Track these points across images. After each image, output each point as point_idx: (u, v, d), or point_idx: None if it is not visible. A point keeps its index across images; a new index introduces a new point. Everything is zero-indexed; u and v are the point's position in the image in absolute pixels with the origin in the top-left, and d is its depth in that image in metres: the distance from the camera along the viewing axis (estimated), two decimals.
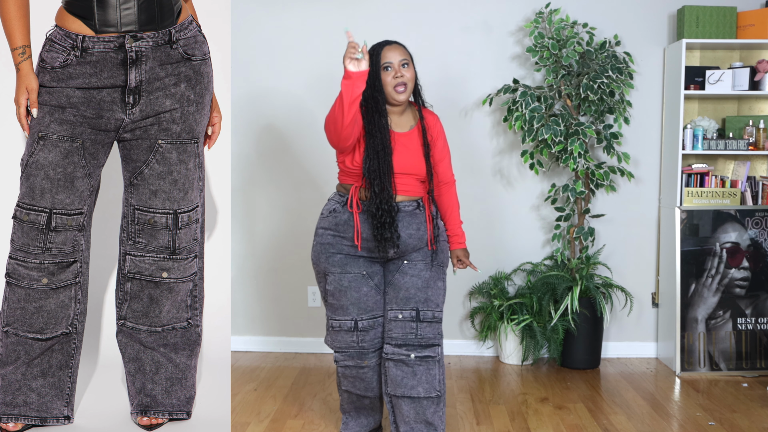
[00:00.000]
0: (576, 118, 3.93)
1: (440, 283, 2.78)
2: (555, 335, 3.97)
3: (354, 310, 2.71)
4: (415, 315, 2.69)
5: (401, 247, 2.72)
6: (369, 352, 2.74)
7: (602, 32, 4.13)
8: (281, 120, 4.27)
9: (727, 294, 3.97)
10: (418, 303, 2.70)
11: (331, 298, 2.76)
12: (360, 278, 2.71)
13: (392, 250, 2.71)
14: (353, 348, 2.74)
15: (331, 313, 2.78)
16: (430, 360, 2.70)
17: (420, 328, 2.70)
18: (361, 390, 2.81)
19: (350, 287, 2.70)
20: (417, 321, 2.70)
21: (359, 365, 2.76)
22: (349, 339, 2.73)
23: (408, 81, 2.68)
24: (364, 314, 2.71)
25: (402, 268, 2.74)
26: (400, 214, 2.70)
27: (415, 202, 2.75)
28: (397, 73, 2.66)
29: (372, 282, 2.73)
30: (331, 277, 2.73)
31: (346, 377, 2.81)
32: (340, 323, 2.74)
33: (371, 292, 2.72)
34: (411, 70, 2.69)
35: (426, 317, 2.71)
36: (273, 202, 4.31)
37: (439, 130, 2.83)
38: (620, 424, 3.18)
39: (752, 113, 4.21)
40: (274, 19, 4.23)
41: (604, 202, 4.25)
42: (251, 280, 4.35)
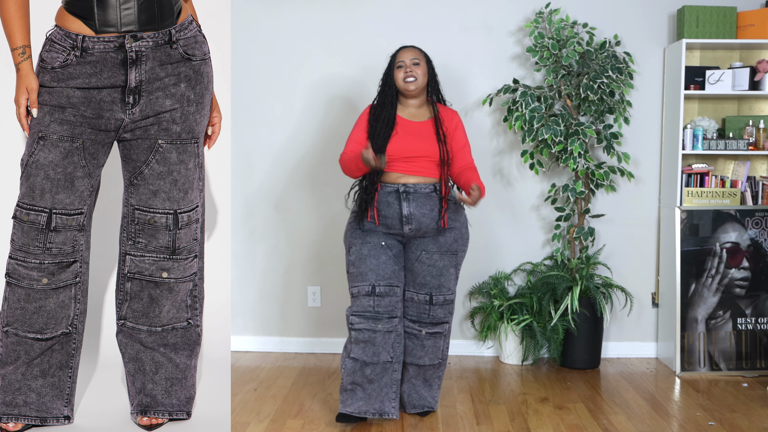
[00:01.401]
0: (576, 118, 3.93)
1: (452, 270, 3.12)
2: (555, 335, 3.97)
3: (372, 275, 3.01)
4: (428, 299, 3.08)
5: (415, 225, 3.04)
6: (383, 318, 3.01)
7: (602, 32, 4.13)
8: (281, 120, 4.26)
9: (727, 294, 3.97)
10: (432, 289, 3.08)
11: (352, 267, 3.07)
12: (379, 248, 3.04)
13: (407, 227, 3.04)
14: (369, 312, 3.00)
15: (351, 283, 3.08)
16: (438, 335, 3.13)
17: (432, 309, 3.10)
18: (369, 356, 3.00)
19: (370, 255, 3.03)
20: (430, 304, 3.09)
21: (373, 328, 2.99)
22: (366, 303, 3.00)
23: (418, 75, 3.07)
24: (382, 280, 3.01)
25: (420, 258, 3.08)
26: (416, 195, 3.03)
27: (432, 185, 3.06)
28: (407, 69, 3.07)
29: (390, 252, 3.06)
30: (353, 248, 3.07)
31: (358, 342, 3.01)
32: (358, 289, 3.03)
33: (389, 261, 3.04)
34: (422, 68, 3.09)
35: (438, 301, 3.10)
36: (273, 201, 4.31)
37: (456, 123, 3.16)
38: (620, 424, 3.18)
39: (752, 113, 4.21)
40: (274, 19, 4.23)
41: (604, 202, 4.25)
42: (251, 280, 4.35)
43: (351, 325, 3.03)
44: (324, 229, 4.29)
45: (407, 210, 3.03)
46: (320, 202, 4.28)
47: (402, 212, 3.03)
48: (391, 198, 3.03)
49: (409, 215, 3.03)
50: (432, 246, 3.08)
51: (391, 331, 3.03)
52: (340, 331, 4.32)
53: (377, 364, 3.02)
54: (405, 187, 3.03)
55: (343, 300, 4.29)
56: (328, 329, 4.34)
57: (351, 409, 3.04)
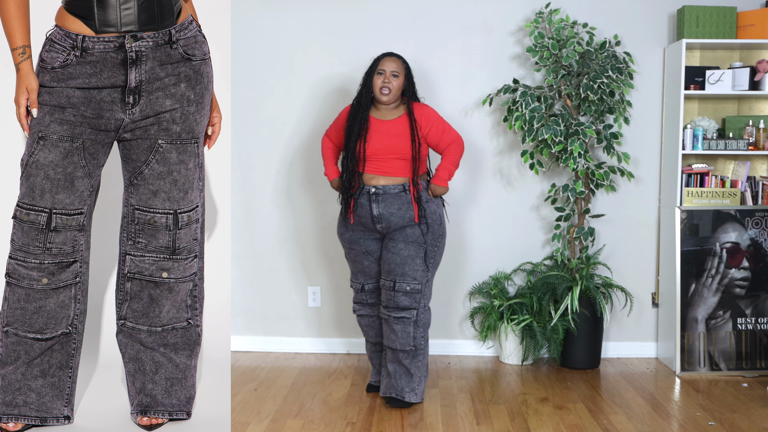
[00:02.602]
0: (576, 118, 3.93)
1: (418, 260, 3.31)
2: (555, 335, 3.96)
3: (361, 276, 3.48)
4: (392, 285, 3.31)
5: (384, 223, 3.31)
6: (375, 305, 3.49)
7: (602, 32, 4.13)
8: (281, 120, 4.26)
9: (727, 294, 3.97)
10: (396, 276, 3.31)
11: (348, 261, 3.56)
12: (362, 255, 3.42)
13: (378, 225, 3.32)
14: (363, 302, 3.50)
15: (350, 274, 3.68)
16: (405, 320, 3.31)
17: (396, 296, 3.32)
18: (372, 336, 3.53)
19: (356, 260, 3.46)
20: (393, 290, 3.31)
21: (369, 314, 3.49)
22: (360, 296, 3.51)
23: (393, 88, 3.29)
24: (369, 279, 3.47)
25: (387, 246, 3.35)
26: (385, 196, 3.28)
27: (401, 185, 3.29)
28: (385, 79, 3.29)
29: (372, 257, 3.43)
30: (345, 251, 3.51)
31: (362, 327, 3.55)
32: (353, 284, 3.52)
33: (372, 265, 3.44)
34: (399, 80, 3.30)
35: (401, 288, 3.30)
36: (273, 201, 4.31)
37: (427, 114, 3.34)
38: (620, 424, 3.18)
39: (752, 113, 4.21)
40: (274, 19, 4.23)
41: (604, 202, 4.25)
42: (251, 280, 4.35)
43: (354, 312, 3.56)
44: (324, 229, 4.29)
45: (377, 210, 3.29)
46: (320, 202, 4.28)
47: (372, 213, 3.29)
48: (363, 200, 3.31)
49: (378, 215, 3.29)
50: (398, 236, 3.32)
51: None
52: (340, 331, 4.32)
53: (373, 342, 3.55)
54: (375, 188, 3.28)
55: (343, 300, 4.29)
56: (328, 329, 4.34)
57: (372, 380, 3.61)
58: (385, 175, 3.29)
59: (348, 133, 3.34)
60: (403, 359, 3.34)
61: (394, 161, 3.28)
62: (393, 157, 3.27)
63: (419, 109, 3.34)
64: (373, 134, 3.29)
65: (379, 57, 3.34)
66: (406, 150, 3.27)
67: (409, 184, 3.29)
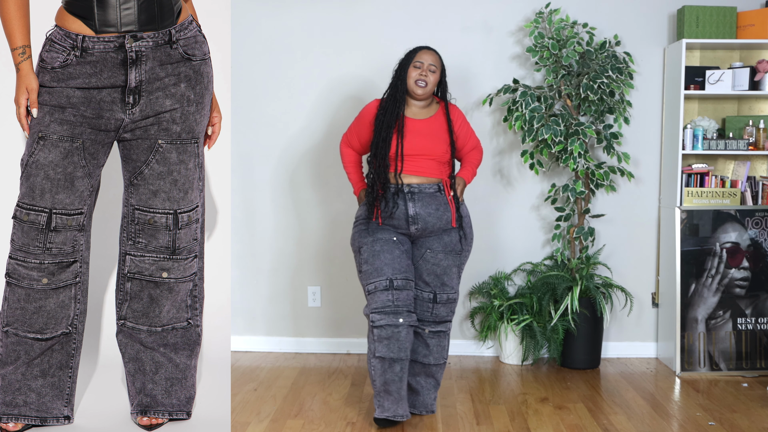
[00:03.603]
0: (576, 118, 3.93)
1: (455, 269, 3.13)
2: (555, 335, 3.97)
3: (388, 270, 2.97)
4: (432, 297, 3.10)
5: (421, 224, 3.06)
6: (403, 312, 2.95)
7: (602, 32, 4.13)
8: (281, 120, 4.26)
9: (727, 294, 3.97)
10: (436, 287, 3.10)
11: (365, 265, 3.03)
12: (391, 243, 3.03)
13: (413, 227, 3.06)
14: (389, 307, 2.94)
15: (366, 280, 3.03)
16: (441, 334, 3.15)
17: (435, 308, 3.11)
18: (395, 352, 2.93)
19: (383, 250, 3.01)
20: (434, 302, 3.10)
21: (394, 323, 2.93)
22: (385, 298, 2.95)
23: (429, 82, 3.08)
24: (398, 274, 2.98)
25: (425, 256, 3.10)
26: (421, 195, 3.06)
27: (435, 185, 3.09)
28: (423, 72, 3.07)
29: (403, 247, 3.06)
30: (364, 247, 3.04)
31: (381, 340, 2.94)
32: (375, 284, 2.98)
33: (403, 256, 3.03)
34: (436, 76, 3.10)
35: (441, 299, 3.11)
36: (273, 201, 4.31)
37: (458, 115, 3.20)
38: (620, 424, 3.18)
39: (752, 113, 4.21)
40: (274, 19, 4.23)
41: (604, 202, 4.25)
42: (251, 280, 4.35)
43: (372, 323, 2.96)
44: (324, 229, 4.29)
45: (413, 210, 3.05)
46: (320, 201, 4.28)
47: (408, 212, 3.05)
48: (398, 199, 3.05)
49: (415, 215, 3.05)
50: (437, 245, 3.10)
51: (412, 326, 2.99)
52: (340, 331, 4.32)
53: (405, 360, 2.97)
54: (410, 187, 3.06)
55: (343, 300, 4.29)
56: (328, 329, 4.34)
57: (390, 414, 3.01)
58: (417, 174, 3.08)
59: (378, 129, 3.09)
60: (435, 372, 3.19)
61: (426, 161, 3.08)
62: (426, 158, 3.08)
63: (453, 110, 3.19)
64: (406, 134, 3.07)
65: (416, 49, 3.14)
66: (439, 152, 3.09)
67: (443, 185, 3.11)
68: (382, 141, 3.05)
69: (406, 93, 3.11)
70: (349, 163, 3.28)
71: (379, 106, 3.14)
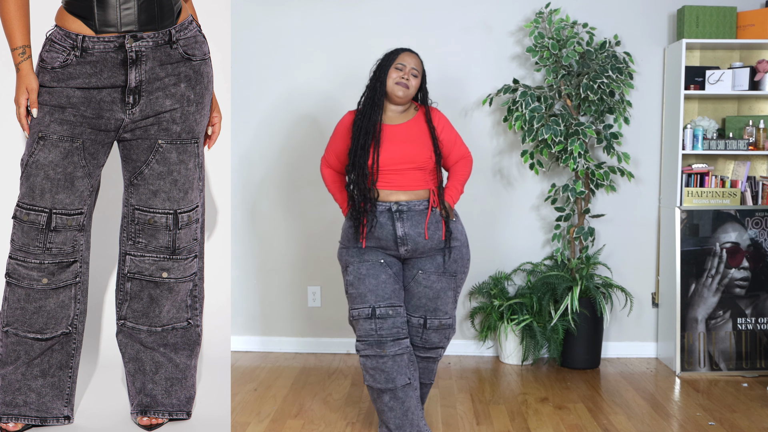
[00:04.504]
0: (576, 118, 3.93)
1: (450, 292, 2.93)
2: (555, 335, 3.97)
3: (372, 297, 2.82)
4: (422, 322, 2.91)
5: (411, 246, 2.86)
6: (387, 341, 2.80)
7: (602, 32, 4.13)
8: (281, 120, 4.26)
9: (727, 294, 3.97)
10: (427, 312, 2.91)
11: (351, 288, 2.89)
12: (378, 266, 2.85)
13: (403, 249, 2.86)
14: (372, 336, 2.81)
15: (351, 305, 2.90)
16: (430, 360, 3.01)
17: (425, 333, 2.93)
18: (381, 382, 2.80)
19: (368, 275, 2.84)
20: (423, 328, 2.91)
21: (379, 354, 2.79)
22: (368, 327, 2.81)
23: (410, 87, 2.88)
24: (382, 301, 2.82)
25: (417, 278, 2.90)
26: (410, 213, 2.84)
27: (425, 200, 2.86)
28: (404, 75, 2.87)
29: (390, 270, 2.87)
30: (351, 267, 2.88)
31: (367, 370, 2.83)
32: (359, 311, 2.85)
33: (389, 280, 2.85)
34: (418, 80, 2.91)
35: (432, 325, 2.92)
36: (273, 202, 4.31)
37: (440, 118, 2.96)
38: (620, 424, 3.18)
39: (752, 113, 4.21)
40: (274, 19, 4.23)
41: (604, 202, 4.25)
42: (251, 280, 4.35)
43: (357, 352, 2.86)
44: (324, 229, 4.28)
45: (401, 231, 2.83)
46: (320, 202, 4.28)
47: (396, 233, 2.83)
48: (383, 218, 2.83)
49: (404, 236, 2.83)
50: (429, 266, 2.88)
51: (402, 353, 2.82)
52: (340, 331, 4.32)
53: (394, 390, 2.81)
54: (398, 205, 2.82)
55: (343, 300, 4.28)
56: (328, 329, 4.34)
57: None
58: (402, 189, 2.84)
59: (356, 136, 2.85)
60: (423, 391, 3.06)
61: (410, 172, 2.84)
62: (409, 168, 2.84)
63: (434, 113, 2.95)
64: (386, 144, 2.83)
65: (397, 50, 2.93)
66: (423, 158, 2.84)
67: (433, 199, 2.86)
68: (360, 148, 2.82)
69: (384, 96, 2.88)
70: (332, 183, 3.04)
71: (357, 112, 2.91)
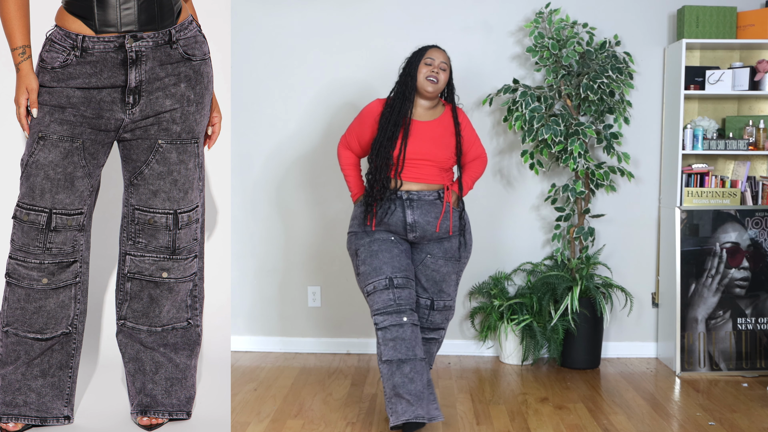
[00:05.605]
0: (576, 118, 3.93)
1: (454, 276, 3.11)
2: (555, 335, 3.97)
3: (388, 268, 2.90)
4: (430, 304, 3.08)
5: (419, 232, 3.02)
6: (406, 310, 2.87)
7: (602, 32, 4.13)
8: (281, 120, 4.26)
9: (727, 294, 3.97)
10: (434, 294, 3.08)
11: (363, 266, 2.96)
12: (389, 242, 2.98)
13: (411, 235, 3.02)
14: (391, 306, 2.86)
15: (365, 282, 2.94)
16: (432, 342, 3.17)
17: (431, 315, 3.10)
18: (402, 352, 2.82)
19: (381, 250, 2.95)
20: (430, 309, 3.08)
21: (398, 322, 2.84)
22: (386, 297, 2.87)
23: (440, 81, 3.02)
24: (398, 272, 2.91)
25: (425, 261, 3.06)
26: (420, 202, 2.99)
27: (435, 192, 3.03)
28: (434, 69, 3.02)
29: (402, 247, 3.00)
30: (362, 249, 2.99)
31: (387, 342, 2.84)
32: (374, 284, 2.90)
33: (402, 255, 2.97)
34: (446, 74, 3.06)
35: (438, 306, 3.10)
36: (273, 201, 4.31)
37: (464, 118, 3.16)
38: (620, 424, 3.18)
39: (752, 113, 4.21)
40: (274, 19, 4.23)
41: (604, 202, 4.25)
42: (251, 280, 4.35)
43: (376, 326, 2.87)
44: (324, 229, 4.29)
45: (411, 218, 2.99)
46: (320, 202, 4.28)
47: (406, 220, 2.99)
48: (395, 205, 2.98)
49: (413, 223, 2.99)
50: (437, 251, 3.06)
51: (417, 325, 2.90)
52: (340, 330, 4.32)
53: (414, 360, 2.83)
54: (408, 194, 2.98)
55: (343, 300, 4.29)
56: (328, 329, 4.34)
57: (407, 417, 2.80)
58: (418, 181, 3.00)
59: (383, 128, 2.99)
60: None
61: (428, 167, 3.01)
62: (428, 164, 3.01)
63: (460, 114, 3.14)
64: (410, 138, 2.98)
65: (426, 47, 3.08)
66: (443, 157, 3.02)
67: (444, 192, 3.04)
68: (387, 140, 2.96)
69: (415, 91, 3.03)
70: (348, 165, 3.16)
71: (386, 104, 3.05)
